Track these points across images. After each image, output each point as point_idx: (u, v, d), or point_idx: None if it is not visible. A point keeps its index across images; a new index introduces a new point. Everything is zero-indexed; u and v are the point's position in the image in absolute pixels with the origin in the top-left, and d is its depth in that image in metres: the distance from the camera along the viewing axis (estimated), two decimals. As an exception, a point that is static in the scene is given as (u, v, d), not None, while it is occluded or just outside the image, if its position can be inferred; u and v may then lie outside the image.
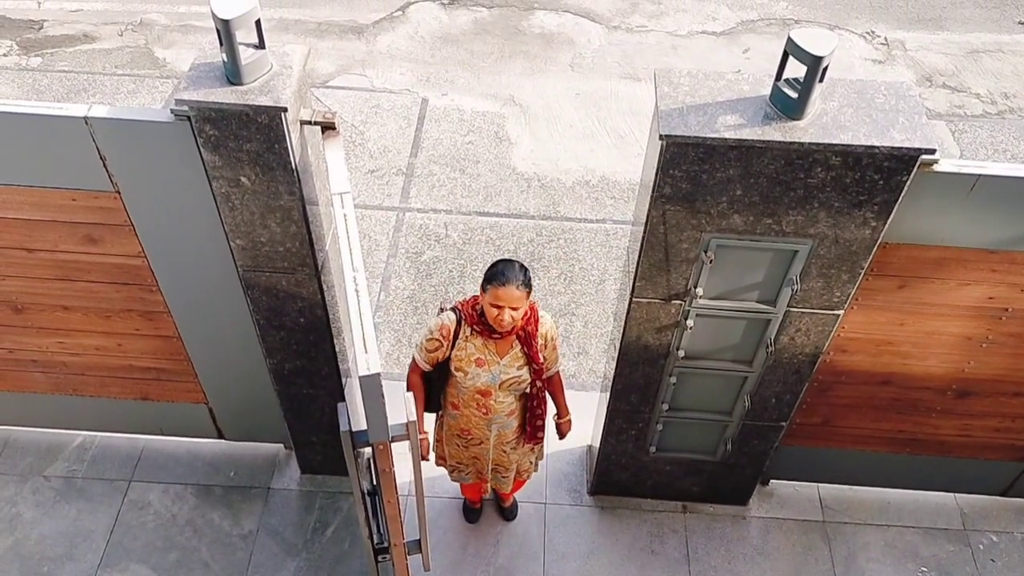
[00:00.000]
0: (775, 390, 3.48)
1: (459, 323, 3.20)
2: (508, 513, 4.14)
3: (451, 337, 3.19)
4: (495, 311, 3.06)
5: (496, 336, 3.17)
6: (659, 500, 4.20)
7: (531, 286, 3.09)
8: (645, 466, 3.99)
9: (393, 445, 2.58)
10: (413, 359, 3.34)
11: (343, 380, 3.68)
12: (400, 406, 2.59)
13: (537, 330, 3.24)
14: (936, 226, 2.93)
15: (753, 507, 4.21)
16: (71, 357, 3.81)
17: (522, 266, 3.08)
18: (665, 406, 3.59)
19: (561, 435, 3.60)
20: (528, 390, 3.33)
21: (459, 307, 3.23)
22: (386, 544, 3.09)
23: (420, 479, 2.84)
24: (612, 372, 3.55)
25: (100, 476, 4.23)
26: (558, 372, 3.48)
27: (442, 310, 3.34)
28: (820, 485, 4.29)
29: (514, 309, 3.05)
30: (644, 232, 2.93)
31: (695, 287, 3.06)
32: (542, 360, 3.27)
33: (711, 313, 3.17)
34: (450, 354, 3.22)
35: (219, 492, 4.20)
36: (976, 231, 2.94)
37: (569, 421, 3.58)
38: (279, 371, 3.60)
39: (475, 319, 3.16)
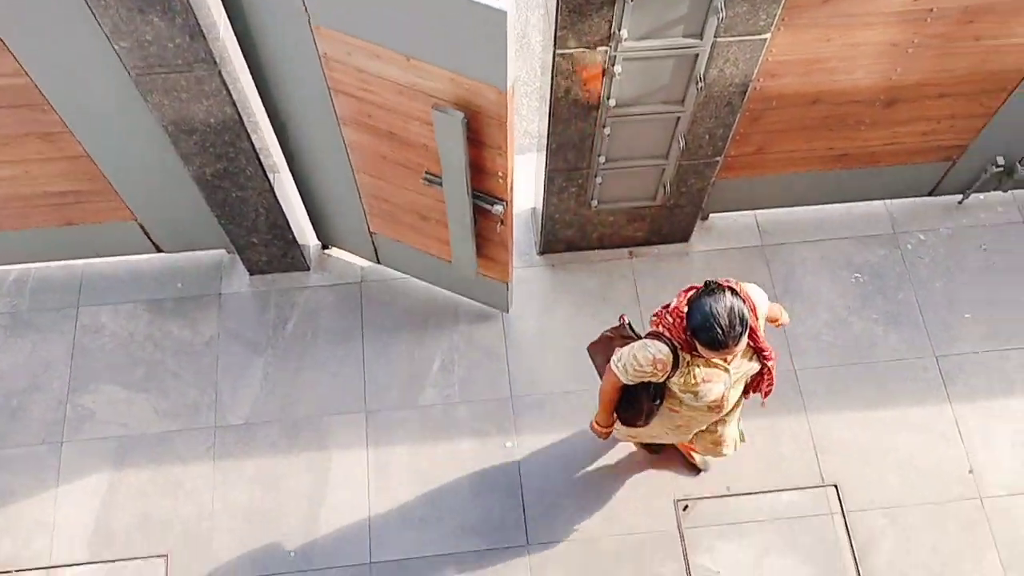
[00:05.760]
0: (708, 126, 3.46)
1: (676, 354, 2.74)
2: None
3: (667, 370, 2.76)
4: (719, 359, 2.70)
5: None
6: (606, 250, 4.31)
7: (747, 323, 2.57)
8: (589, 220, 4.04)
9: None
10: (609, 368, 2.91)
11: (270, 176, 3.56)
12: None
13: (757, 317, 2.74)
14: (862, -71, 2.79)
15: (695, 243, 4.34)
16: (-21, 193, 3.61)
17: (739, 313, 2.53)
18: (602, 158, 3.57)
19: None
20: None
21: (666, 334, 2.74)
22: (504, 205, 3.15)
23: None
24: (546, 131, 3.49)
25: (45, 307, 4.17)
26: None
27: (631, 333, 3.00)
28: (757, 212, 4.42)
29: None
30: (559, -24, 2.74)
31: (619, 29, 2.93)
32: (768, 346, 2.81)
33: (638, 56, 3.06)
34: (667, 380, 2.82)
35: (170, 305, 4.19)
36: (903, -71, 2.81)
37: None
38: (201, 177, 3.46)
39: (691, 345, 2.68)
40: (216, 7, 2.95)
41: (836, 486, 3.82)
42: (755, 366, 2.84)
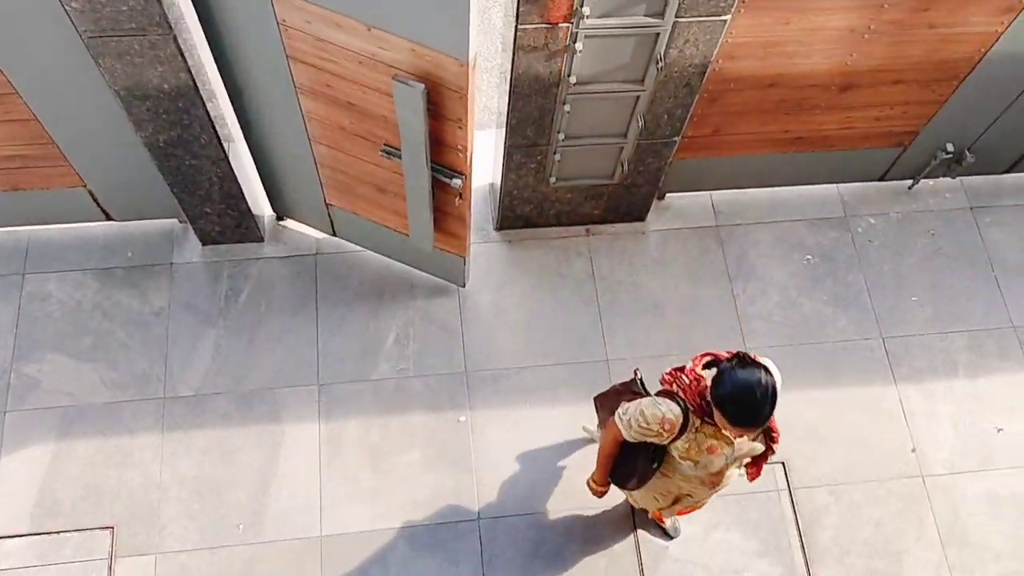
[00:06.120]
0: (667, 106, 3.48)
1: (686, 416, 2.62)
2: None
3: (675, 432, 2.63)
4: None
5: None
6: (563, 227, 4.32)
7: (775, 405, 2.47)
8: (547, 197, 4.04)
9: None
10: (612, 421, 2.78)
11: (225, 145, 3.50)
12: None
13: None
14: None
15: (651, 222, 4.38)
16: (-81, 155, 3.49)
17: (771, 395, 2.41)
18: (561, 135, 3.57)
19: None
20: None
21: (680, 394, 2.64)
22: (463, 179, 3.13)
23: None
24: (506, 107, 3.47)
25: (-11, 274, 4.07)
26: None
27: (641, 389, 2.88)
28: (713, 193, 4.46)
29: None
30: (522, -51, 2.72)
31: (582, 6, 2.92)
32: (778, 428, 2.70)
33: (600, 33, 3.06)
34: (670, 443, 2.70)
35: (120, 274, 4.11)
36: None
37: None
38: (153, 144, 3.39)
39: (705, 410, 2.59)
40: (170, -32, 2.88)
41: (783, 463, 3.91)
42: (758, 447, 2.71)
